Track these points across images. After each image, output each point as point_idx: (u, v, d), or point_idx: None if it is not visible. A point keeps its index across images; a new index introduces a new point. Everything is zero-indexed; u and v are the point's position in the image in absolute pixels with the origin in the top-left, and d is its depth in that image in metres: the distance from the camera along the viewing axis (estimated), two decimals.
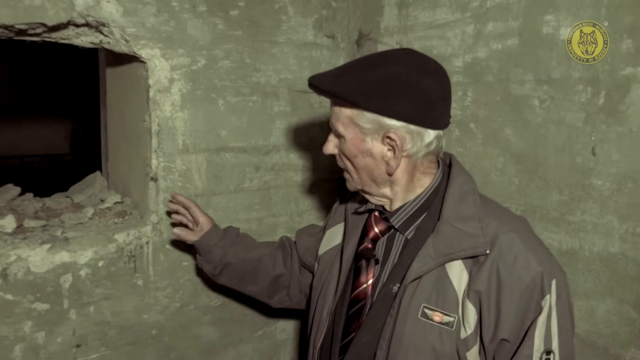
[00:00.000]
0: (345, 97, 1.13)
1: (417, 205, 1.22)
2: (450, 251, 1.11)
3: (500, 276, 1.07)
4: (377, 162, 1.18)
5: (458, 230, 1.12)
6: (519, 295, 1.06)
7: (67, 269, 1.46)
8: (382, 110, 1.11)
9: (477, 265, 1.10)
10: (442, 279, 1.12)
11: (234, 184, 1.77)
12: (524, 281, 1.06)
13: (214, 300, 1.78)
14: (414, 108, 1.11)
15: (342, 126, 1.18)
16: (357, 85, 1.12)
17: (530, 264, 1.07)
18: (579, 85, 1.38)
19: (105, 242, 1.53)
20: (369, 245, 1.26)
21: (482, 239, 1.09)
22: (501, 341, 1.08)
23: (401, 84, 1.10)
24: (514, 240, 1.10)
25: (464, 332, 1.10)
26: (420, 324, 1.11)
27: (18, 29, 1.36)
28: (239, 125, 1.76)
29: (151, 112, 1.57)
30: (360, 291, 1.24)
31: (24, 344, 1.42)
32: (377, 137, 1.15)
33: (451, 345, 1.10)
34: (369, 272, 1.24)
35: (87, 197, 1.83)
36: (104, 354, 1.56)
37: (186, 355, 1.74)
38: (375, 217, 1.29)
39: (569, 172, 1.42)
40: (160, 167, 1.61)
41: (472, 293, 1.09)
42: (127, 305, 1.59)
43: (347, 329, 1.24)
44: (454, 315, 1.10)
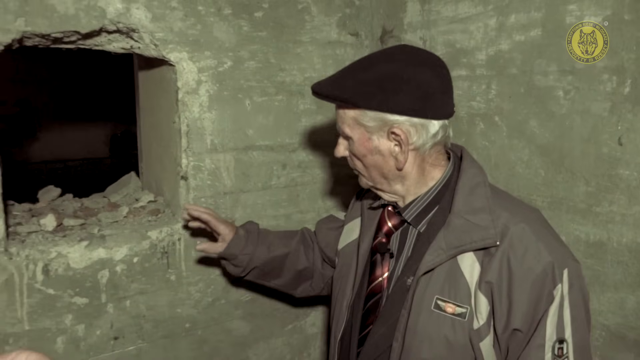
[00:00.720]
0: (345, 99, 1.17)
1: (429, 199, 1.24)
2: (461, 243, 1.13)
3: (511, 267, 1.08)
4: (385, 158, 1.20)
5: (469, 223, 1.14)
6: (530, 285, 1.07)
7: (104, 265, 1.53)
8: (383, 107, 1.14)
9: (488, 256, 1.11)
10: (454, 271, 1.14)
11: (262, 181, 1.82)
12: (534, 271, 1.07)
13: (245, 295, 1.83)
14: (413, 101, 1.14)
15: (348, 128, 1.21)
16: (356, 86, 1.15)
17: (541, 254, 1.08)
18: (604, 75, 1.36)
19: (139, 239, 1.59)
20: (383, 239, 1.29)
21: (492, 230, 1.11)
22: (514, 331, 1.09)
23: (398, 79, 1.13)
24: (524, 231, 1.11)
25: (476, 322, 1.11)
26: (434, 315, 1.13)
27: (54, 38, 1.44)
28: (266, 124, 1.80)
29: (180, 113, 1.63)
30: (376, 285, 1.28)
31: (65, 336, 1.50)
32: (383, 134, 1.17)
33: (464, 336, 1.12)
34: (383, 265, 1.28)
35: (123, 197, 1.91)
36: (140, 346, 1.63)
37: (219, 348, 1.79)
38: (388, 211, 1.32)
39: (596, 162, 1.40)
40: (190, 166, 1.66)
41: (484, 284, 1.10)
42: (161, 300, 1.65)
43: (365, 322, 1.27)
44: (466, 306, 1.12)
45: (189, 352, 1.73)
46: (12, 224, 1.54)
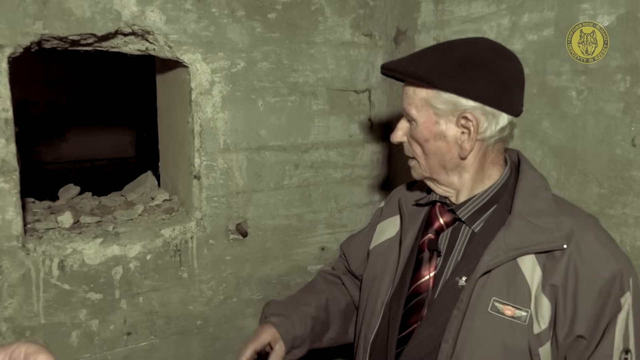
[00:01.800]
0: (421, 76, 1.12)
1: (486, 199, 1.20)
2: (524, 245, 1.08)
3: (578, 271, 1.05)
4: (449, 145, 1.16)
5: (532, 225, 1.10)
6: (597, 291, 1.03)
7: (117, 262, 1.57)
8: (459, 90, 1.10)
9: (551, 260, 1.07)
10: (513, 273, 1.09)
11: (274, 181, 1.84)
12: (603, 277, 1.04)
13: (256, 293, 1.85)
14: (491, 89, 1.11)
15: (415, 109, 1.17)
16: (433, 65, 1.12)
17: (608, 260, 1.05)
18: (617, 74, 1.34)
19: (153, 236, 1.63)
20: (432, 236, 1.24)
21: (557, 233, 1.07)
22: (577, 338, 1.04)
23: (478, 64, 1.11)
24: (590, 237, 1.08)
25: (537, 327, 1.06)
26: (490, 317, 1.08)
27: (71, 40, 1.48)
28: (278, 125, 1.82)
29: (194, 114, 1.66)
30: (421, 284, 1.21)
31: (80, 330, 1.54)
32: (452, 119, 1.13)
33: (523, 341, 1.06)
34: (431, 264, 1.22)
35: (139, 196, 1.95)
36: (152, 342, 1.66)
37: (230, 345, 1.81)
38: (440, 208, 1.26)
39: (609, 164, 1.38)
40: (203, 166, 1.69)
41: (549, 287, 1.06)
42: (173, 297, 1.68)
43: (405, 322, 1.21)
44: (526, 309, 1.07)
45: (201, 348, 1.75)
46: (31, 221, 1.59)
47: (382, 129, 2.06)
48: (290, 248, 1.91)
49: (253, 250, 1.82)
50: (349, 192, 2.02)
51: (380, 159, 2.07)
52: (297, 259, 1.93)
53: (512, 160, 1.26)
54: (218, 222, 1.74)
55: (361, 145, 2.01)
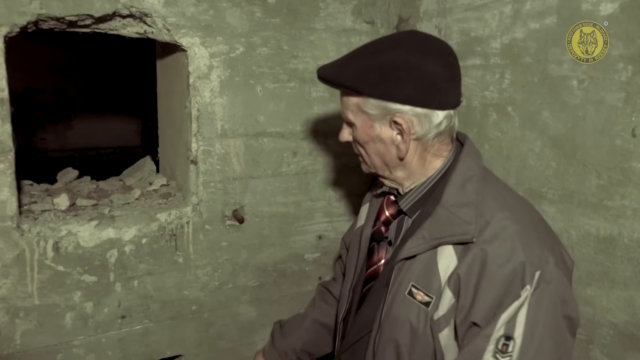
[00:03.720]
0: (349, 86, 1.17)
1: (425, 189, 1.24)
2: (442, 235, 1.13)
3: (483, 263, 1.07)
4: (387, 146, 1.20)
5: (453, 216, 1.13)
6: (498, 283, 1.05)
7: (112, 245, 1.57)
8: (386, 95, 1.13)
9: (466, 251, 1.10)
10: (431, 261, 1.14)
11: (272, 168, 1.83)
12: (504, 270, 1.05)
13: (252, 280, 1.85)
14: (417, 91, 1.12)
15: (351, 114, 1.21)
16: (360, 73, 1.15)
17: (515, 253, 1.05)
18: (619, 64, 1.31)
19: (148, 220, 1.62)
20: (381, 227, 1.31)
21: (472, 226, 1.10)
22: (471, 324, 1.07)
23: (403, 68, 1.12)
24: (504, 229, 1.08)
25: (437, 312, 1.11)
26: (406, 300, 1.15)
27: (69, 21, 1.47)
28: (277, 111, 1.81)
29: (191, 98, 1.65)
30: (372, 270, 1.30)
31: (74, 312, 1.54)
32: (385, 123, 1.17)
33: (425, 324, 1.13)
34: (380, 252, 1.30)
35: (137, 180, 1.95)
36: (147, 326, 1.66)
37: (225, 331, 1.81)
38: (388, 200, 1.33)
39: (608, 155, 1.36)
40: (200, 151, 1.68)
41: (454, 276, 1.10)
42: (168, 281, 1.68)
43: (360, 306, 1.32)
44: (432, 296, 1.12)
45: (195, 334, 1.76)
46: (27, 203, 1.59)
47: None
48: (287, 236, 1.90)
49: (249, 236, 1.82)
50: (347, 181, 2.00)
51: None
52: (294, 247, 1.93)
53: (458, 146, 1.28)
54: (214, 207, 1.73)
55: None
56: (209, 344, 1.79)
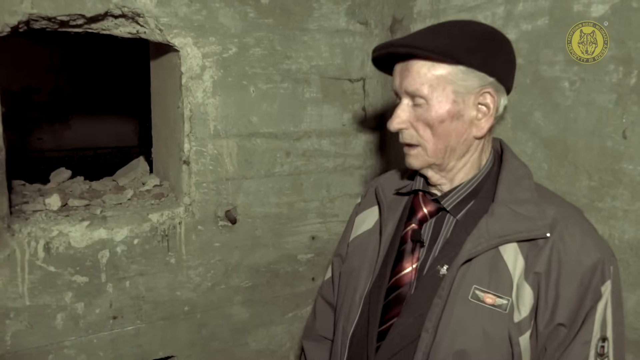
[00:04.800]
0: (447, 53, 1.04)
1: (471, 188, 1.17)
2: (506, 233, 1.06)
3: (562, 259, 1.04)
4: (465, 125, 1.10)
5: (515, 213, 1.08)
6: (580, 279, 1.02)
7: (104, 245, 1.56)
8: (484, 65, 1.05)
9: (534, 248, 1.06)
10: (495, 261, 1.07)
11: (265, 168, 1.82)
12: (585, 265, 1.03)
13: (245, 281, 1.84)
14: (507, 66, 1.10)
15: (428, 88, 1.08)
16: (457, 40, 1.06)
17: (591, 249, 1.04)
18: (610, 65, 1.32)
19: (140, 221, 1.62)
20: (416, 226, 1.19)
21: (540, 222, 1.05)
22: (557, 326, 1.03)
23: (497, 39, 1.09)
24: (573, 225, 1.06)
25: (517, 315, 1.05)
26: (471, 305, 1.06)
27: (60, 21, 1.47)
28: (270, 112, 1.80)
29: (184, 98, 1.64)
30: (403, 276, 1.18)
31: (65, 312, 1.53)
32: (471, 97, 1.08)
33: (502, 329, 1.05)
34: (413, 256, 1.17)
35: (130, 181, 1.94)
36: (139, 326, 1.66)
37: (217, 332, 1.81)
38: (423, 197, 1.22)
39: (599, 156, 1.36)
40: (193, 151, 1.68)
41: (532, 275, 1.04)
42: (160, 282, 1.67)
43: (385, 315, 1.17)
44: (507, 297, 1.05)
45: (187, 334, 1.75)
46: (18, 203, 1.59)
47: (376, 118, 2.04)
48: (280, 236, 1.90)
49: (242, 237, 1.81)
50: (341, 182, 2.00)
51: (373, 149, 2.06)
52: (287, 248, 1.92)
53: (495, 149, 1.24)
54: (207, 208, 1.73)
55: (354, 134, 2.00)
56: (202, 344, 1.79)
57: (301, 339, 1.60)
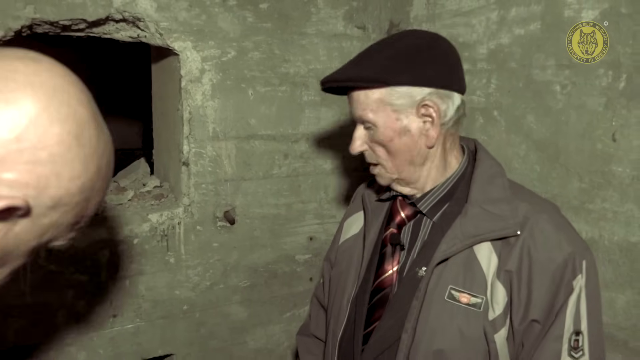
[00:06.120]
0: (374, 78, 1.12)
1: (446, 189, 1.21)
2: (479, 232, 1.10)
3: (532, 256, 1.06)
4: (414, 138, 1.15)
5: (487, 212, 1.11)
6: (551, 275, 1.05)
7: (105, 245, 1.60)
8: (413, 80, 1.11)
9: (507, 247, 1.09)
10: (470, 261, 1.11)
11: (263, 170, 1.85)
12: (555, 261, 1.06)
13: (243, 281, 1.87)
14: (441, 72, 1.13)
15: (371, 113, 1.15)
16: (382, 63, 1.12)
17: (561, 244, 1.06)
18: (600, 69, 1.34)
19: (140, 221, 1.65)
20: (394, 230, 1.25)
21: (512, 220, 1.09)
22: (531, 322, 1.06)
23: (423, 51, 1.13)
24: (544, 222, 1.09)
25: (492, 313, 1.08)
26: (447, 305, 1.10)
27: (62, 25, 1.50)
28: (268, 114, 1.83)
29: (183, 101, 1.68)
30: (385, 278, 1.23)
31: (66, 310, 1.57)
32: (412, 112, 1.13)
33: (478, 327, 1.09)
34: (394, 259, 1.23)
35: (132, 182, 1.98)
36: (138, 325, 1.69)
37: (216, 331, 1.84)
38: (401, 202, 1.27)
39: (590, 159, 1.38)
40: (192, 153, 1.71)
41: (503, 273, 1.08)
42: (160, 281, 1.71)
43: (370, 318, 1.23)
44: (481, 296, 1.09)
45: (187, 333, 1.78)
46: None
47: None
48: (278, 237, 1.93)
49: (241, 237, 1.84)
50: (338, 184, 2.03)
51: None
52: (285, 248, 1.95)
53: (469, 149, 1.27)
54: (206, 209, 1.76)
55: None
56: (200, 343, 1.81)
57: (296, 334, 1.64)
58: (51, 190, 0.59)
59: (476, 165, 1.20)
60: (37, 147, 0.57)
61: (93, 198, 0.66)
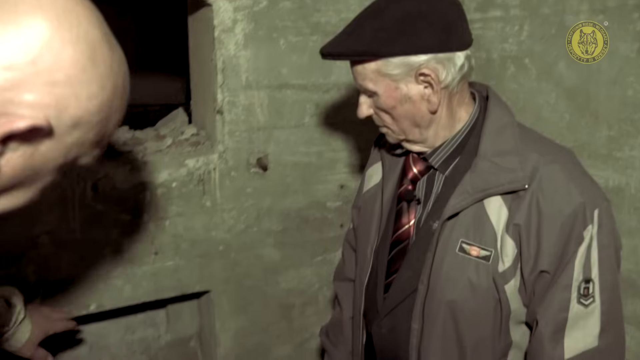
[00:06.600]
0: (365, 51, 1.12)
1: (456, 143, 1.22)
2: (488, 187, 1.11)
3: (541, 208, 1.07)
4: (416, 104, 1.15)
5: (496, 166, 1.12)
6: (560, 226, 1.07)
7: (145, 187, 1.71)
8: (407, 50, 1.10)
9: (517, 200, 1.10)
10: (480, 215, 1.13)
11: (295, 119, 1.91)
12: (564, 212, 1.06)
13: (276, 225, 1.96)
14: (436, 36, 1.10)
15: (371, 83, 1.16)
16: (373, 35, 1.11)
17: (571, 195, 1.07)
18: (635, 13, 1.31)
19: (178, 166, 1.75)
20: (409, 187, 1.27)
21: (520, 173, 1.09)
22: (541, 273, 1.09)
23: (415, 16, 1.10)
24: (555, 172, 1.09)
25: (501, 265, 1.12)
26: (458, 258, 1.14)
27: None
28: (300, 64, 1.87)
29: (217, 51, 1.73)
30: (402, 232, 1.28)
31: (112, 247, 1.70)
32: (410, 79, 1.13)
33: (487, 279, 1.12)
34: (410, 212, 1.27)
35: (170, 130, 2.07)
36: (177, 262, 1.81)
37: (250, 271, 1.95)
38: (413, 157, 1.28)
39: (619, 106, 1.37)
40: (226, 102, 1.78)
41: (512, 227, 1.10)
42: (197, 223, 1.81)
43: (390, 269, 1.29)
44: (490, 249, 1.12)
45: (222, 272, 1.90)
46: None
47: None
48: (309, 184, 1.99)
49: (273, 184, 1.92)
50: (369, 133, 2.05)
51: None
52: (317, 195, 2.02)
53: (481, 96, 1.26)
54: (240, 155, 1.84)
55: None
56: (235, 282, 1.93)
57: (333, 281, 1.73)
58: (71, 110, 0.62)
59: (486, 116, 1.19)
60: (53, 69, 0.59)
61: (112, 116, 0.69)
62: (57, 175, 0.70)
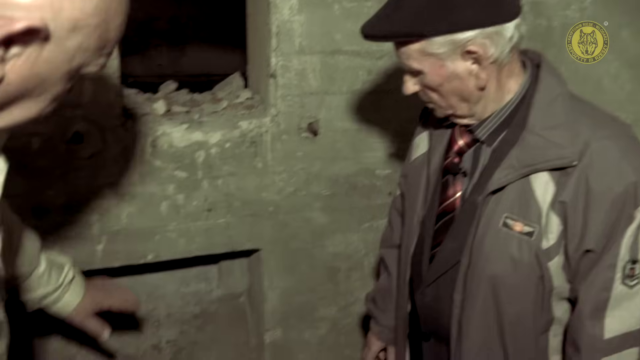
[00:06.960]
0: (408, 32, 1.09)
1: (505, 115, 1.18)
2: (535, 162, 1.09)
3: (590, 186, 1.04)
4: (464, 81, 1.12)
5: (545, 140, 1.09)
6: (609, 205, 1.04)
7: (200, 146, 1.79)
8: (452, 27, 1.06)
9: (565, 176, 1.07)
10: (525, 190, 1.11)
11: (347, 85, 1.92)
12: (615, 191, 1.03)
13: (324, 189, 2.00)
14: (482, 9, 1.06)
15: (415, 62, 1.13)
16: (415, 14, 1.07)
17: (623, 173, 1.04)
18: None
19: (231, 127, 1.82)
20: (454, 159, 1.26)
21: (570, 149, 1.06)
22: (586, 252, 1.08)
23: None
24: (607, 148, 1.06)
25: (545, 242, 1.10)
26: (501, 233, 1.13)
27: None
28: (354, 30, 1.86)
29: (271, 15, 1.77)
30: (448, 204, 1.27)
31: (168, 202, 1.80)
32: (457, 57, 1.09)
33: (529, 255, 1.11)
34: (456, 185, 1.25)
35: (227, 94, 2.14)
36: (229, 220, 1.89)
37: (298, 233, 2.01)
38: (460, 129, 1.26)
39: None
40: (279, 66, 1.82)
41: (558, 204, 1.08)
42: (248, 183, 1.88)
43: (435, 240, 1.29)
44: (535, 225, 1.10)
45: (271, 232, 1.97)
46: (132, 107, 1.84)
47: None
48: (359, 151, 2.01)
49: (323, 149, 1.95)
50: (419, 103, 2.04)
51: None
52: (366, 162, 2.04)
53: (533, 65, 1.20)
54: (291, 119, 1.88)
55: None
56: (284, 242, 2.00)
57: (379, 248, 1.76)
58: (66, 12, 0.62)
59: (537, 88, 1.15)
60: None
61: (112, 20, 0.69)
62: (65, 84, 0.71)
